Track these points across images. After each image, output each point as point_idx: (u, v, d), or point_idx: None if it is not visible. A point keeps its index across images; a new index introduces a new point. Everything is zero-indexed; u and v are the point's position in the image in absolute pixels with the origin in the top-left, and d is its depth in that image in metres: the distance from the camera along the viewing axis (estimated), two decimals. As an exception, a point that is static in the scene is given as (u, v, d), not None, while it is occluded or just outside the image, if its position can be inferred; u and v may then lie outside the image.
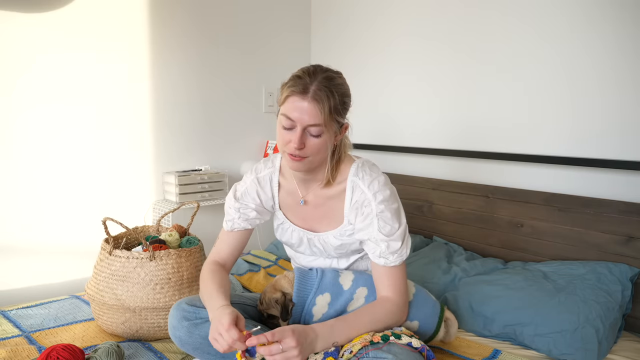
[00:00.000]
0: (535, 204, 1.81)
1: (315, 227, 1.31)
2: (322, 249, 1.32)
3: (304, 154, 1.13)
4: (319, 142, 1.13)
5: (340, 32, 2.63)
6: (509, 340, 1.47)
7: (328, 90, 1.09)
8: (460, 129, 2.10)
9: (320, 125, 1.10)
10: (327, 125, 1.11)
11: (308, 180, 1.28)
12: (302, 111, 1.09)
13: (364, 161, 1.27)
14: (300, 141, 1.11)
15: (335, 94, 1.10)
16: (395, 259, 1.19)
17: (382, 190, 1.20)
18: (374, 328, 1.15)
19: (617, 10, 1.61)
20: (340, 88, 1.14)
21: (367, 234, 1.21)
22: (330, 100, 1.09)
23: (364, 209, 1.21)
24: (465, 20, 2.05)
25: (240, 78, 2.52)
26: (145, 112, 2.23)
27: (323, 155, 1.17)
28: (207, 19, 2.38)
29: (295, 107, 1.10)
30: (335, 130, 1.16)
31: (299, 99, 1.09)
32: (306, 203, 1.30)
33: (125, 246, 1.65)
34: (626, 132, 1.62)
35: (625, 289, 1.50)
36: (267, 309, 1.30)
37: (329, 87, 1.10)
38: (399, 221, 1.21)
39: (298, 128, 1.10)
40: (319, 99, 1.08)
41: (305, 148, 1.12)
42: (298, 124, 1.10)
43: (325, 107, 1.08)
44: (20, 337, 1.45)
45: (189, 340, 1.19)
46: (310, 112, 1.08)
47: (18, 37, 1.87)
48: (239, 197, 1.34)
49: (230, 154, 2.54)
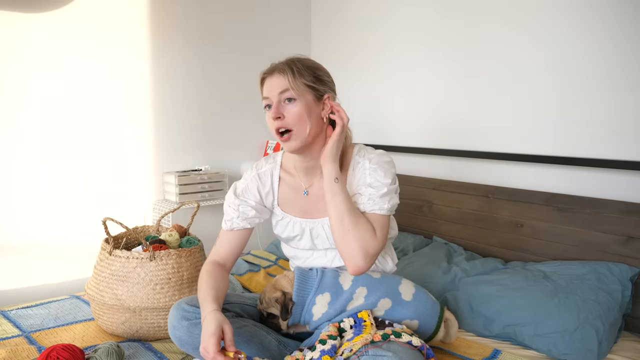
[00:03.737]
0: (535, 204, 1.81)
1: (318, 215, 1.32)
2: (325, 236, 1.31)
3: (286, 125, 1.20)
4: (296, 108, 1.20)
5: (340, 32, 2.63)
6: (509, 340, 1.47)
7: (291, 62, 1.23)
8: (461, 129, 2.10)
9: (288, 89, 1.19)
10: (296, 90, 1.19)
11: (311, 170, 1.30)
12: (272, 83, 1.22)
13: (365, 145, 1.34)
14: (277, 110, 1.20)
15: (299, 65, 1.22)
16: (376, 205, 1.22)
17: (379, 156, 1.28)
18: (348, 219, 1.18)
19: (615, 10, 1.62)
20: (307, 62, 1.25)
21: (357, 188, 1.26)
22: (294, 68, 1.21)
23: (359, 174, 1.27)
24: (464, 21, 2.05)
25: (240, 78, 2.52)
26: (145, 112, 2.23)
27: (306, 125, 1.21)
28: (208, 20, 2.38)
29: (267, 85, 1.23)
30: (312, 98, 1.22)
31: (269, 77, 1.23)
32: (310, 194, 1.31)
33: (126, 246, 1.65)
34: (626, 132, 1.62)
35: (625, 289, 1.50)
36: (267, 308, 1.30)
37: (293, 61, 1.23)
38: (392, 179, 1.26)
39: (274, 100, 1.21)
40: (283, 70, 1.21)
41: (284, 118, 1.20)
42: (271, 96, 1.21)
43: (289, 74, 1.20)
44: (20, 337, 1.45)
45: (189, 340, 1.19)
46: (278, 81, 1.21)
47: (18, 37, 1.87)
48: (240, 193, 1.34)
49: (230, 154, 2.54)
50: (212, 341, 1.04)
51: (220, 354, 1.04)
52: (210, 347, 1.04)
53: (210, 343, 1.04)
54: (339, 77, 2.56)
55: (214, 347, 1.04)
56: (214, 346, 1.04)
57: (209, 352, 1.05)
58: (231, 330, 1.09)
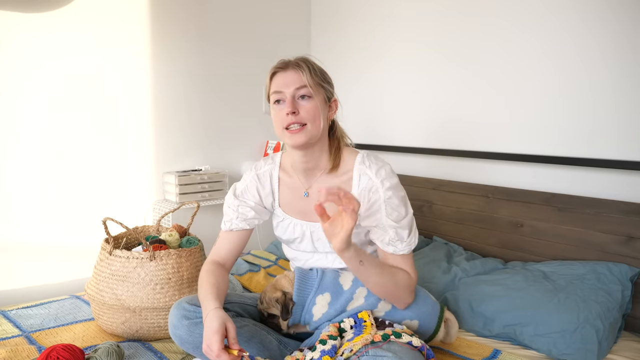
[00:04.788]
0: (535, 204, 1.81)
1: (318, 219, 1.31)
2: (326, 240, 1.31)
3: (300, 120, 1.19)
4: (311, 105, 1.20)
5: (340, 33, 2.63)
6: (509, 340, 1.47)
7: (305, 60, 1.24)
8: (461, 129, 2.10)
9: (306, 85, 1.19)
10: (313, 88, 1.20)
11: (310, 170, 1.29)
12: (287, 79, 1.20)
13: (369, 152, 1.31)
14: (293, 105, 1.19)
15: (314, 64, 1.24)
16: (404, 247, 1.21)
17: (390, 178, 1.24)
18: (390, 284, 1.18)
19: (614, 9, 1.62)
20: (317, 64, 1.27)
21: (374, 220, 1.23)
22: (309, 66, 1.21)
23: (371, 195, 1.23)
24: (464, 21, 2.05)
25: (240, 78, 2.52)
26: (145, 112, 2.23)
27: (319, 122, 1.21)
28: (208, 20, 2.38)
29: (280, 80, 1.21)
30: (324, 98, 1.24)
31: (282, 72, 1.22)
32: (310, 195, 1.31)
33: (126, 246, 1.65)
34: (626, 132, 1.62)
35: (625, 289, 1.50)
36: (268, 308, 1.30)
37: (305, 59, 1.24)
38: (406, 209, 1.24)
39: (287, 96, 1.19)
40: (299, 67, 1.21)
41: (299, 113, 1.19)
42: (286, 91, 1.20)
43: (306, 71, 1.20)
44: (20, 337, 1.45)
45: (189, 339, 1.19)
46: (294, 77, 1.20)
47: (17, 37, 1.87)
48: (239, 194, 1.34)
49: (230, 154, 2.54)
50: (216, 338, 1.04)
51: (224, 352, 1.04)
52: (215, 345, 1.03)
53: (214, 340, 1.04)
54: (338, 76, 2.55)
55: (218, 345, 1.03)
56: (218, 343, 1.04)
57: (212, 349, 1.04)
58: (234, 327, 1.09)
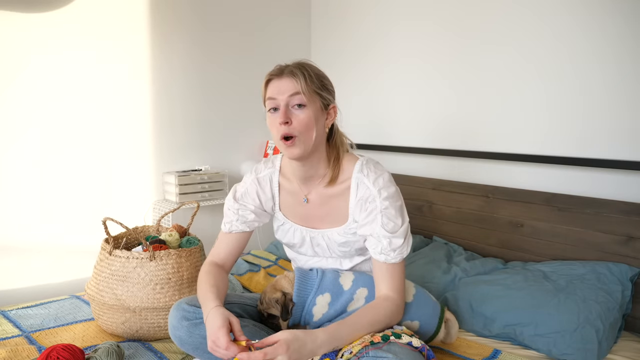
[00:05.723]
0: (535, 204, 1.81)
1: (318, 225, 1.31)
2: (326, 247, 1.31)
3: (292, 131, 1.16)
4: (304, 115, 1.17)
5: (339, 33, 2.63)
6: (509, 340, 1.47)
7: (302, 67, 1.20)
8: (461, 129, 2.10)
9: (300, 93, 1.16)
10: (307, 95, 1.16)
11: (309, 179, 1.28)
12: (281, 86, 1.17)
13: (368, 159, 1.29)
14: (285, 115, 1.16)
15: (310, 71, 1.19)
16: (396, 256, 1.20)
17: (387, 187, 1.22)
18: (374, 329, 1.15)
19: (615, 10, 1.61)
20: (315, 69, 1.22)
21: (370, 229, 1.22)
22: (305, 74, 1.17)
23: (368, 205, 1.22)
24: (465, 20, 2.05)
25: (240, 78, 2.52)
26: (145, 112, 2.23)
27: (312, 133, 1.18)
28: (208, 20, 2.38)
29: (274, 87, 1.19)
30: (320, 106, 1.20)
31: (277, 79, 1.19)
32: (309, 202, 1.30)
33: (125, 246, 1.65)
34: (626, 132, 1.62)
35: (625, 289, 1.50)
36: (267, 308, 1.30)
37: (302, 65, 1.20)
38: (402, 218, 1.23)
39: (281, 103, 1.17)
40: (294, 74, 1.17)
41: (292, 124, 1.16)
42: (280, 99, 1.17)
43: (301, 79, 1.16)
44: (20, 337, 1.45)
45: (189, 340, 1.19)
46: (288, 85, 1.17)
47: (17, 37, 1.87)
48: (239, 197, 1.34)
49: (230, 154, 2.54)
50: (222, 332, 1.04)
51: (233, 344, 1.03)
52: (222, 338, 1.03)
53: (220, 335, 1.04)
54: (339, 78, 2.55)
55: (225, 338, 1.03)
56: (225, 336, 1.03)
57: (220, 344, 1.03)
58: (237, 321, 1.09)
